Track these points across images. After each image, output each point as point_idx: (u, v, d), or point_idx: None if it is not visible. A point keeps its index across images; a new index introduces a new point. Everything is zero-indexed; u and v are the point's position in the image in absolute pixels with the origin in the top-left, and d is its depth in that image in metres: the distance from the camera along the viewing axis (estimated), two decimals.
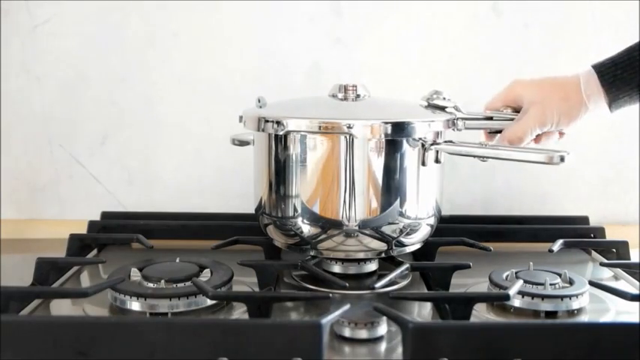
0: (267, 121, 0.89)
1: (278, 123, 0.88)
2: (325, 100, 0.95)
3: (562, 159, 0.79)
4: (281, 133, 0.88)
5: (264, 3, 1.19)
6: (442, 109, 0.94)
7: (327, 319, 0.70)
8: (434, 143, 0.89)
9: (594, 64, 0.90)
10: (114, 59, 1.20)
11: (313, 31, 1.20)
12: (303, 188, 0.90)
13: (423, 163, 0.90)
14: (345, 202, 0.88)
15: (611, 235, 1.11)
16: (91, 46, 1.20)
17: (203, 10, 1.19)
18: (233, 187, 1.21)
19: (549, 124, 0.90)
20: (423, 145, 0.89)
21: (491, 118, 0.95)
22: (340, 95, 0.94)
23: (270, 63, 1.20)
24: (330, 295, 0.84)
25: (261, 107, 0.92)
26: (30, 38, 1.19)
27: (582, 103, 0.89)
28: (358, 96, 0.94)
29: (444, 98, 0.94)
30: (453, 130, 0.92)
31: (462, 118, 0.93)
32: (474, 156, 0.87)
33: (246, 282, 0.92)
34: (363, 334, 0.75)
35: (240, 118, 0.95)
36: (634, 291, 0.90)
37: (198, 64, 1.21)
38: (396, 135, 0.87)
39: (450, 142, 0.89)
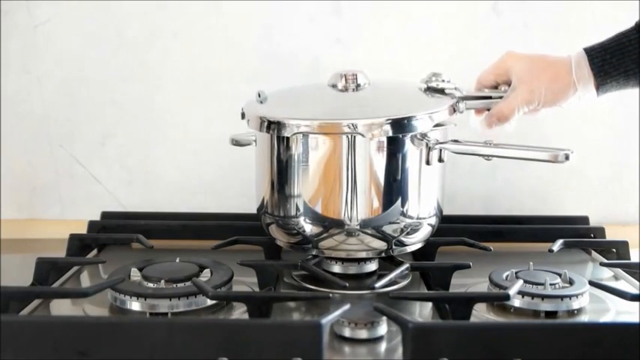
0: (270, 124, 0.89)
1: (279, 124, 0.88)
2: (326, 93, 0.94)
3: (567, 157, 0.80)
4: (286, 135, 0.87)
5: (264, 3, 1.19)
6: (441, 91, 0.93)
7: (327, 319, 0.70)
8: (438, 142, 0.89)
9: (585, 47, 0.89)
10: (114, 59, 1.20)
11: (313, 31, 1.20)
12: (305, 188, 0.90)
13: (428, 162, 0.90)
14: (346, 201, 0.88)
15: (611, 235, 1.11)
16: (91, 46, 1.20)
17: (203, 10, 1.19)
18: (233, 186, 1.21)
19: (536, 102, 0.89)
20: (427, 145, 0.89)
21: (490, 97, 0.93)
22: (340, 85, 0.94)
23: (270, 63, 1.20)
24: (330, 295, 0.84)
25: (261, 102, 0.92)
26: (30, 38, 1.19)
27: (572, 85, 0.88)
28: (358, 85, 0.94)
29: (443, 80, 0.94)
30: (456, 114, 0.92)
31: (462, 98, 0.93)
32: (479, 155, 0.87)
33: (246, 282, 0.92)
34: (363, 334, 0.75)
35: (243, 115, 0.94)
36: (634, 291, 0.90)
37: (198, 64, 1.21)
38: (401, 130, 0.87)
39: (455, 141, 0.89)
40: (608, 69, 0.87)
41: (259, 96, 0.92)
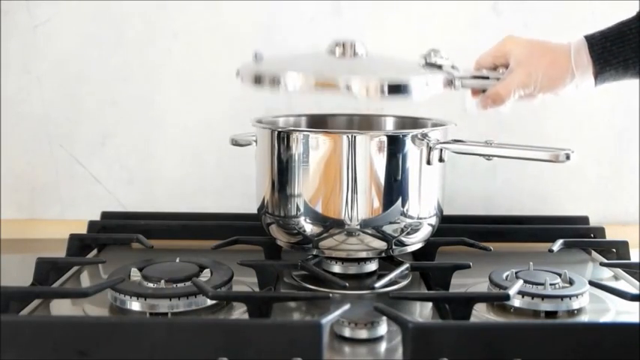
0: (263, 78, 0.88)
1: (274, 79, 0.87)
2: (324, 58, 0.93)
3: (568, 157, 0.80)
4: (281, 92, 0.87)
5: (264, 3, 1.19)
6: (439, 67, 0.93)
7: (327, 319, 0.70)
8: (439, 142, 0.89)
9: (586, 35, 0.89)
10: (114, 59, 1.20)
11: (313, 31, 1.20)
12: (305, 187, 0.90)
13: (428, 162, 0.90)
14: (347, 201, 0.88)
15: (611, 235, 1.11)
16: (91, 46, 1.20)
17: (203, 10, 1.19)
18: (233, 186, 1.21)
19: (532, 86, 0.88)
20: (427, 144, 0.89)
21: (487, 78, 0.93)
22: (338, 52, 0.93)
23: None
24: (330, 295, 0.84)
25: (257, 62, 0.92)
26: (30, 38, 1.19)
27: (570, 72, 0.88)
28: (356, 54, 0.93)
29: (442, 57, 0.93)
30: (451, 89, 0.91)
31: (460, 77, 0.92)
32: (479, 155, 0.87)
33: (246, 282, 0.92)
34: (363, 334, 0.75)
35: (237, 72, 0.93)
36: (634, 291, 0.90)
37: (198, 64, 1.21)
38: (397, 91, 0.86)
39: (456, 141, 0.89)
40: (607, 57, 0.87)
41: (256, 56, 0.92)
